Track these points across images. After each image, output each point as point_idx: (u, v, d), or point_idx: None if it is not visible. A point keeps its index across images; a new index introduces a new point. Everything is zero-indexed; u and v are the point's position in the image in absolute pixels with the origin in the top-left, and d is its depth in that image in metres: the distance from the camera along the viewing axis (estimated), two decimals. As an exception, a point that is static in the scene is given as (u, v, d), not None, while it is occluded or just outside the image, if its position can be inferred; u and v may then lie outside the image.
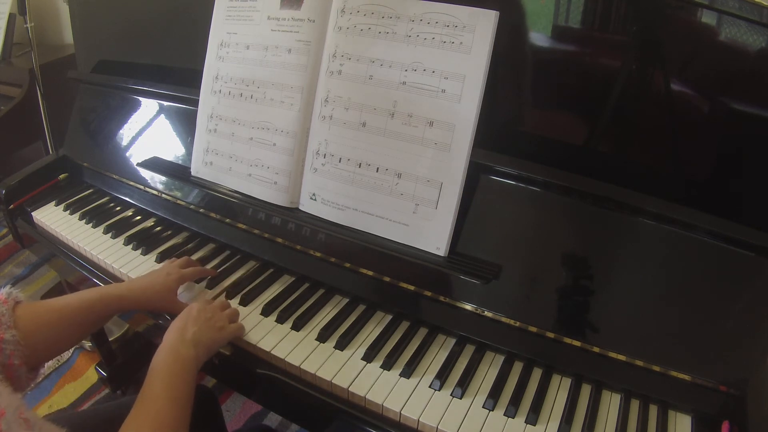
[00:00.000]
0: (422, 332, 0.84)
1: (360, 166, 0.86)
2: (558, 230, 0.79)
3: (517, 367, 0.79)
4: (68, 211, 1.16)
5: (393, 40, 0.82)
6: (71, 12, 1.34)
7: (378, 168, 0.85)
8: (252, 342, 0.81)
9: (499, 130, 0.84)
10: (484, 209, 0.82)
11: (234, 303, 0.89)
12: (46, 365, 1.63)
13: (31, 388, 0.69)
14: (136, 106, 1.20)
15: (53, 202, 1.20)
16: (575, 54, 0.80)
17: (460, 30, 0.78)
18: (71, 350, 1.71)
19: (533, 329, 0.77)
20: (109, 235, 1.08)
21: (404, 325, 0.86)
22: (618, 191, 0.75)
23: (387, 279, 0.86)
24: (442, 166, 0.80)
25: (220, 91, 1.01)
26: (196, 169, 1.05)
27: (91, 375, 1.65)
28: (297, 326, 0.84)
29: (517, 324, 0.78)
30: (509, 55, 0.80)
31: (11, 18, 1.92)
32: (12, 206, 1.20)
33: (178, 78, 1.12)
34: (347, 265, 0.89)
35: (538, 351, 0.78)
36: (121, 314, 0.83)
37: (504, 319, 0.78)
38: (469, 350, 0.81)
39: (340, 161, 0.88)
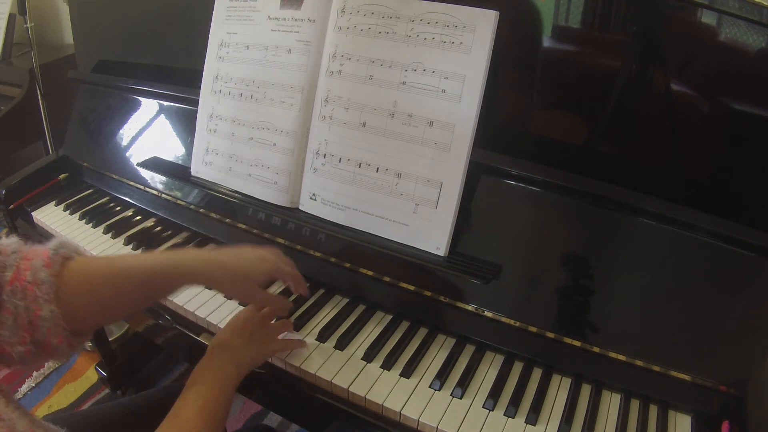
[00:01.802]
0: (422, 332, 0.84)
1: (360, 166, 0.86)
2: (558, 230, 0.79)
3: (517, 367, 0.79)
4: (68, 211, 1.16)
5: (393, 40, 0.82)
6: (71, 12, 1.34)
7: (378, 168, 0.85)
8: (252, 342, 0.81)
9: (499, 130, 0.84)
10: (484, 209, 0.82)
11: (233, 302, 0.89)
12: (46, 365, 1.64)
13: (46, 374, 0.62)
14: (136, 106, 1.20)
15: (53, 202, 1.20)
16: (575, 54, 0.80)
17: (460, 30, 0.78)
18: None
19: (533, 329, 0.77)
20: (109, 235, 1.08)
21: (404, 325, 0.86)
22: (618, 191, 0.75)
23: (387, 279, 0.86)
24: (442, 166, 0.80)
25: (220, 91, 1.01)
26: (196, 169, 1.05)
27: (91, 375, 1.65)
28: (297, 326, 0.84)
29: (517, 324, 0.78)
30: (509, 55, 0.80)
31: (11, 18, 1.92)
32: (12, 206, 1.20)
33: (178, 78, 1.12)
34: (347, 265, 0.89)
35: (538, 351, 0.78)
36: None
37: (504, 319, 0.78)
38: (469, 350, 0.81)
39: (340, 161, 0.88)
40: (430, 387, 0.75)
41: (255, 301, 0.75)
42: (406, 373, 0.77)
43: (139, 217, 1.14)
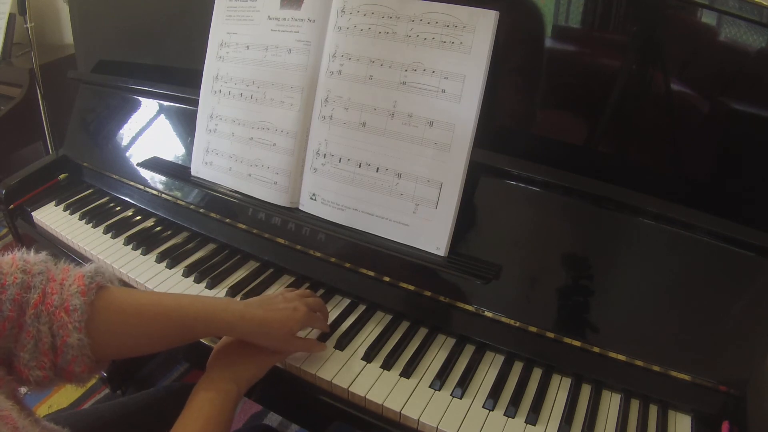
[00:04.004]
0: (422, 332, 0.84)
1: (360, 166, 0.86)
2: (558, 230, 0.79)
3: (517, 367, 0.79)
4: (68, 211, 1.16)
5: (393, 40, 0.82)
6: (71, 12, 1.34)
7: (378, 168, 0.85)
8: (252, 342, 0.81)
9: (499, 130, 0.84)
10: (484, 209, 0.82)
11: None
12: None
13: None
14: (136, 106, 1.20)
15: (53, 202, 1.20)
16: (575, 54, 0.80)
17: (460, 30, 0.78)
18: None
19: (533, 329, 0.77)
20: (109, 235, 1.08)
21: (404, 325, 0.86)
22: (618, 191, 0.75)
23: (387, 279, 0.86)
24: (442, 166, 0.80)
25: (220, 91, 1.01)
26: (196, 169, 1.05)
27: (91, 375, 1.64)
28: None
29: (517, 324, 0.78)
30: (509, 54, 0.80)
31: (11, 18, 1.92)
32: (12, 206, 1.20)
33: (178, 78, 1.12)
34: (347, 265, 0.89)
35: (538, 351, 0.78)
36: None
37: (504, 319, 0.78)
38: (469, 350, 0.81)
39: (340, 161, 0.88)
40: (430, 387, 0.75)
41: (293, 350, 0.75)
42: (406, 373, 0.77)
43: (139, 217, 1.14)
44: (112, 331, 0.58)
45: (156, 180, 1.11)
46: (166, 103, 1.15)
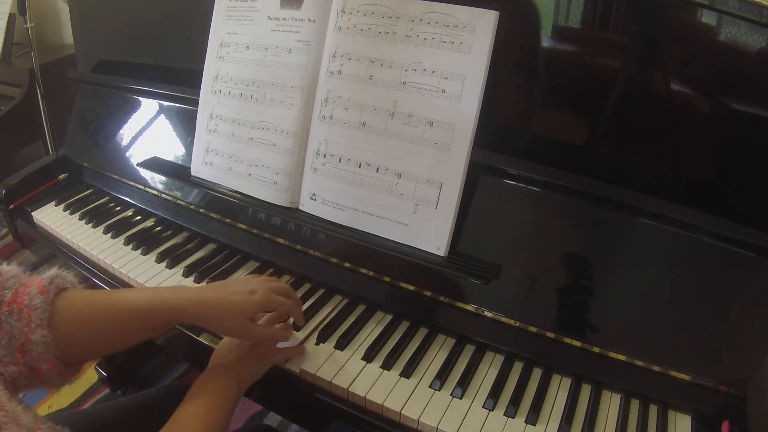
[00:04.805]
0: (422, 332, 0.84)
1: (360, 166, 0.86)
2: (558, 230, 0.79)
3: (517, 367, 0.79)
4: (68, 211, 1.16)
5: (393, 40, 0.82)
6: (71, 12, 1.34)
7: (378, 168, 0.85)
8: (252, 342, 0.81)
9: (499, 130, 0.84)
10: (484, 209, 0.82)
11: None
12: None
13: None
14: (136, 106, 1.20)
15: (53, 202, 1.20)
16: (575, 54, 0.80)
17: (460, 30, 0.78)
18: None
19: (533, 329, 0.77)
20: (109, 235, 1.08)
21: (404, 325, 0.86)
22: (618, 191, 0.75)
23: (387, 279, 0.86)
24: (442, 166, 0.80)
25: (220, 91, 1.01)
26: (196, 169, 1.05)
27: (91, 375, 1.65)
28: (297, 326, 0.84)
29: (517, 324, 0.78)
30: (509, 54, 0.80)
31: (11, 18, 1.92)
32: (12, 206, 1.20)
33: (178, 78, 1.12)
34: (347, 265, 0.89)
35: (538, 351, 0.78)
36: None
37: (504, 319, 0.78)
38: (469, 350, 0.81)
39: (340, 161, 0.88)
40: (430, 387, 0.75)
41: (250, 337, 0.72)
42: (406, 373, 0.77)
43: (139, 217, 1.14)
44: (72, 328, 0.59)
45: (156, 180, 1.11)
46: (166, 103, 1.15)
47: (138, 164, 1.12)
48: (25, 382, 0.57)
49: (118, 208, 1.17)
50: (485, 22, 0.76)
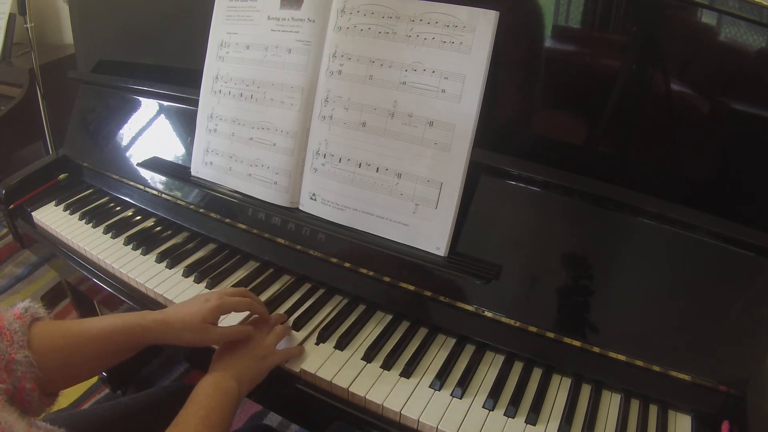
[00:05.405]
0: (422, 332, 0.84)
1: (360, 166, 0.86)
2: (558, 230, 0.79)
3: (517, 367, 0.79)
4: (68, 211, 1.16)
5: (393, 40, 0.82)
6: (71, 12, 1.34)
7: (378, 168, 0.85)
8: (252, 342, 0.81)
9: (499, 130, 0.84)
10: (484, 209, 0.82)
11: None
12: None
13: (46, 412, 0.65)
14: (136, 106, 1.20)
15: (53, 202, 1.20)
16: (575, 54, 0.80)
17: (460, 30, 0.78)
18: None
19: (533, 329, 0.77)
20: (109, 235, 1.08)
21: (404, 325, 0.86)
22: (618, 191, 0.75)
23: (387, 279, 0.86)
24: (442, 166, 0.80)
25: (220, 91, 1.01)
26: (196, 169, 1.05)
27: (91, 375, 1.64)
28: (297, 326, 0.84)
29: (517, 324, 0.78)
30: (509, 54, 0.80)
31: (11, 18, 1.92)
32: (12, 206, 1.20)
33: (178, 78, 1.12)
34: (347, 265, 0.89)
35: (538, 351, 0.78)
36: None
37: (504, 319, 0.78)
38: (469, 350, 0.81)
39: (340, 161, 0.88)
40: (430, 387, 0.75)
41: (212, 341, 0.75)
42: (406, 373, 0.77)
43: (139, 217, 1.14)
44: (49, 358, 0.61)
45: (156, 180, 1.11)
46: (166, 103, 1.15)
47: (138, 164, 1.13)
48: (9, 403, 0.58)
49: (118, 208, 1.17)
50: (485, 22, 0.76)
